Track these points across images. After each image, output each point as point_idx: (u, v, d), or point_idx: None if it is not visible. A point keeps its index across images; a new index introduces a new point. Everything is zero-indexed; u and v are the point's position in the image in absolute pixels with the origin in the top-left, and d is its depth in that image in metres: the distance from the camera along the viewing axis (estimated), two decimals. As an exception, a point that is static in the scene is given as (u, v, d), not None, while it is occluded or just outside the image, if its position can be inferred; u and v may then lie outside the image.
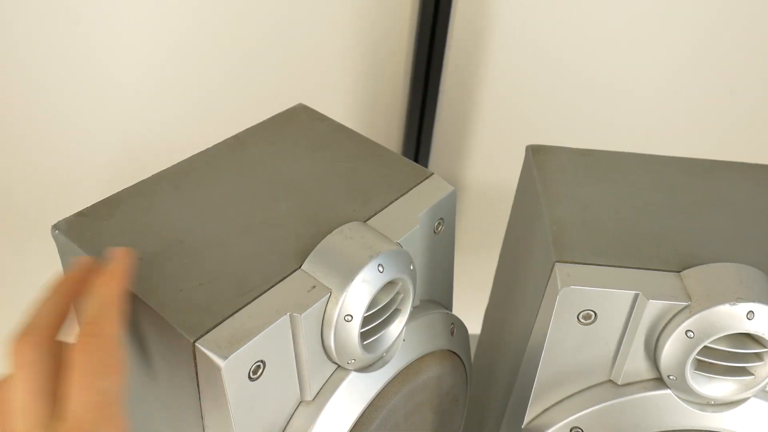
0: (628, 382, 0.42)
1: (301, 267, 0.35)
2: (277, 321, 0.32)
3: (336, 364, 0.36)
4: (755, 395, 0.41)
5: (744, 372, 0.39)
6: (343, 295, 0.34)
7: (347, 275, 0.34)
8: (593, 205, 0.44)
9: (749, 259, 0.40)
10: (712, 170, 0.49)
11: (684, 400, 0.41)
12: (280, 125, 0.47)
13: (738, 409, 0.41)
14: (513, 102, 0.76)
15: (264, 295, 0.34)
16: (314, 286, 0.34)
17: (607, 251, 0.41)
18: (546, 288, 0.41)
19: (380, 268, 0.35)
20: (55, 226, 0.38)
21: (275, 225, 0.38)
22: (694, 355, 0.38)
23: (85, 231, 0.37)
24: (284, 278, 0.35)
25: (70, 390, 0.30)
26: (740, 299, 0.37)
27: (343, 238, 0.36)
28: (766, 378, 0.39)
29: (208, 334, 0.31)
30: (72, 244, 0.37)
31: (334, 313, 0.34)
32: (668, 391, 0.41)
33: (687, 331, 0.38)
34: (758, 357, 0.39)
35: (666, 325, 0.39)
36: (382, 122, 0.77)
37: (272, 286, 0.34)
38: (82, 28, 0.67)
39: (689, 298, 0.38)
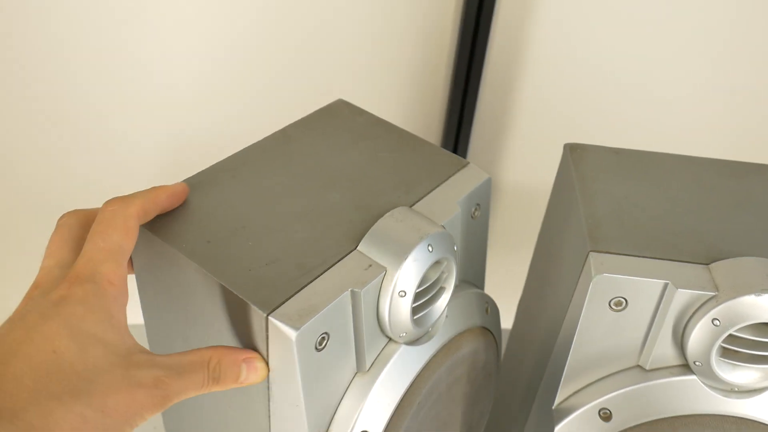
0: (655, 368, 0.44)
1: (357, 248, 0.38)
2: (341, 296, 0.36)
3: (388, 337, 0.40)
4: (777, 384, 0.43)
5: (767, 360, 0.42)
6: (398, 273, 0.37)
7: (401, 254, 0.37)
8: (627, 202, 0.47)
9: (775, 255, 0.43)
10: (742, 172, 0.51)
11: (709, 386, 0.43)
12: (323, 119, 0.50)
13: (761, 396, 0.43)
14: (551, 101, 0.78)
15: (325, 273, 0.37)
16: (370, 265, 0.37)
17: (639, 244, 0.43)
18: (580, 276, 0.43)
19: (429, 248, 0.38)
20: None
21: (327, 212, 0.41)
22: (719, 342, 0.41)
23: None
24: (341, 259, 0.38)
25: (87, 239, 0.36)
26: (765, 290, 0.39)
27: (394, 222, 0.39)
28: (788, 367, 0.41)
29: (280, 308, 0.35)
30: (141, 228, 0.41)
31: (389, 289, 0.37)
32: (694, 377, 0.43)
33: (713, 319, 0.40)
34: (781, 347, 0.41)
35: (694, 313, 0.41)
36: (421, 120, 0.81)
37: (331, 266, 0.37)
38: (123, 28, 0.71)
39: (716, 288, 0.41)
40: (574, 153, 0.51)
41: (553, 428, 0.46)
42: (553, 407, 0.47)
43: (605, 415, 0.45)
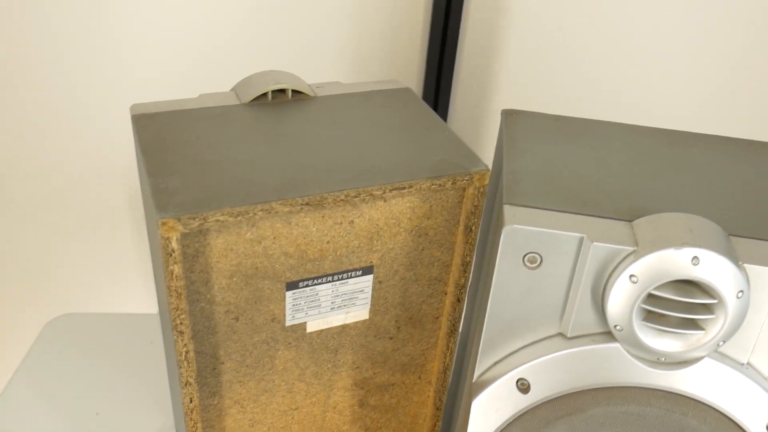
0: (577, 335, 0.41)
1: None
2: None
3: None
4: (710, 356, 0.39)
5: (694, 326, 0.38)
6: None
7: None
8: (555, 160, 0.44)
9: (708, 215, 0.39)
10: (686, 140, 0.48)
11: (633, 356, 0.40)
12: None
13: (690, 369, 0.39)
14: (531, 81, 0.76)
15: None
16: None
17: (558, 199, 0.40)
18: (496, 233, 0.41)
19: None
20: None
21: None
22: (639, 302, 0.37)
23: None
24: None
25: None
26: (685, 244, 0.36)
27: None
28: (717, 334, 0.38)
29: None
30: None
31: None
32: (617, 345, 0.40)
33: (631, 275, 0.37)
34: (707, 309, 0.37)
35: (612, 271, 0.38)
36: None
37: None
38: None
39: (636, 243, 0.38)
40: (509, 118, 0.49)
41: (471, 401, 0.43)
42: (474, 381, 0.44)
43: (523, 387, 0.41)
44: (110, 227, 0.86)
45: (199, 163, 0.41)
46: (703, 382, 0.40)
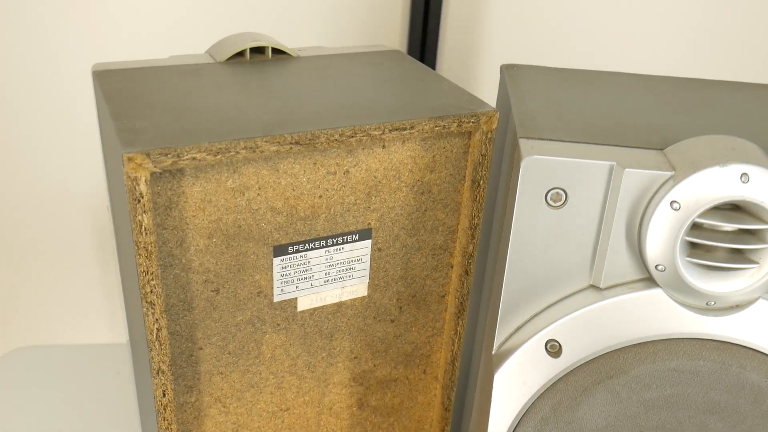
0: (612, 285, 0.36)
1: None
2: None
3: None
4: (764, 297, 0.34)
5: (745, 259, 0.33)
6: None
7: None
8: (568, 101, 0.40)
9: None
10: (703, 85, 0.45)
11: (678, 302, 0.35)
12: None
13: (744, 313, 0.34)
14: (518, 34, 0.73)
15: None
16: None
17: (580, 132, 0.36)
18: (512, 170, 0.36)
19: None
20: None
21: None
22: (682, 233, 0.33)
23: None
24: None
25: None
26: (731, 161, 0.32)
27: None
28: (772, 267, 0.33)
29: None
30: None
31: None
32: (659, 290, 0.35)
33: (672, 202, 0.32)
34: (759, 239, 0.33)
35: (649, 201, 0.33)
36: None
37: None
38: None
39: (673, 168, 0.33)
40: (510, 71, 0.45)
41: (492, 375, 0.37)
42: (493, 352, 0.38)
43: (553, 350, 0.36)
44: (71, 257, 0.79)
45: (172, 108, 0.36)
46: (760, 327, 0.35)
